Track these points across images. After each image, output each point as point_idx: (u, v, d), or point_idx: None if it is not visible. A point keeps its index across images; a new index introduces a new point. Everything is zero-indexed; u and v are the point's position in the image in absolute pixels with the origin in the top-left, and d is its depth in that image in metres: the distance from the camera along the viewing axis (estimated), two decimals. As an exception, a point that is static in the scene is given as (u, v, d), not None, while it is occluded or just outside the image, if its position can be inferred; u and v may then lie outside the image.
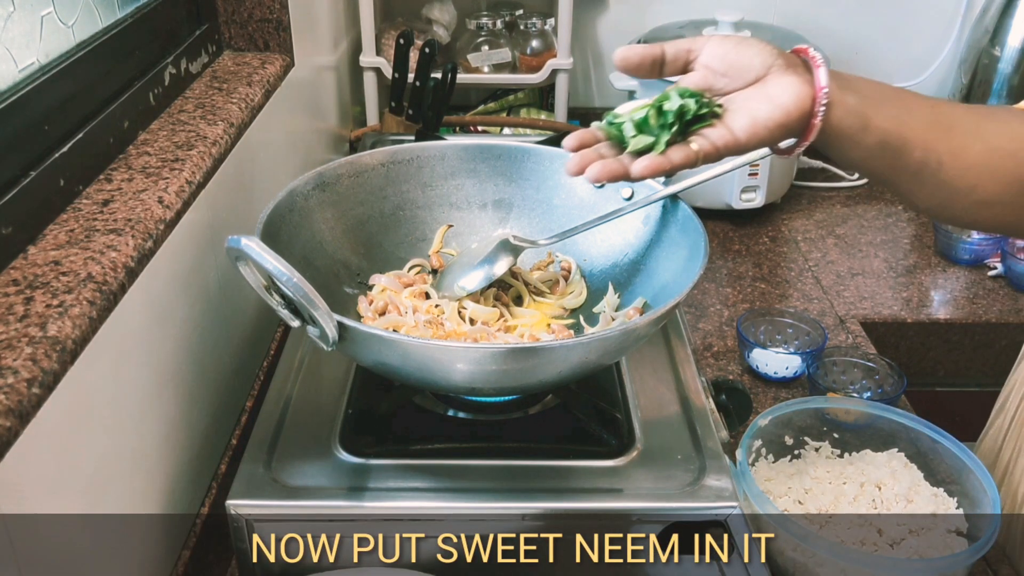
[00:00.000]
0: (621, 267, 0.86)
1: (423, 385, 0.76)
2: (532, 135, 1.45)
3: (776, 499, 0.82)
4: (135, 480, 0.69)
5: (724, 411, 0.80)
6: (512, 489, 0.69)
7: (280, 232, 0.77)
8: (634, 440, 0.74)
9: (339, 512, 0.68)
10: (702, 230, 0.76)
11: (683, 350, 0.85)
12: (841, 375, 1.06)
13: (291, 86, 1.11)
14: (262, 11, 1.05)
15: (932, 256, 1.39)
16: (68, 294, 0.57)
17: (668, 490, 0.69)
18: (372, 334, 0.64)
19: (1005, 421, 0.90)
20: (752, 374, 1.08)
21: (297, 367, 0.82)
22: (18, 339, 0.52)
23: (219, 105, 0.89)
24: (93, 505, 0.62)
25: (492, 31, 1.56)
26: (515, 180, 0.92)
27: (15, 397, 0.49)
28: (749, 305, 1.23)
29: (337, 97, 1.44)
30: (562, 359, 0.66)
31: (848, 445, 0.89)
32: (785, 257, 1.38)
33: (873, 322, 1.22)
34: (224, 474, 0.85)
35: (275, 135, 1.08)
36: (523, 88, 1.61)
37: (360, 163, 0.88)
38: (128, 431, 0.68)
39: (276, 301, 0.65)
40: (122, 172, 0.74)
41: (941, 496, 0.82)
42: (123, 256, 0.63)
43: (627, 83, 1.43)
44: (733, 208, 1.42)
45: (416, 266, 0.88)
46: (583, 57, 1.70)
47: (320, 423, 0.75)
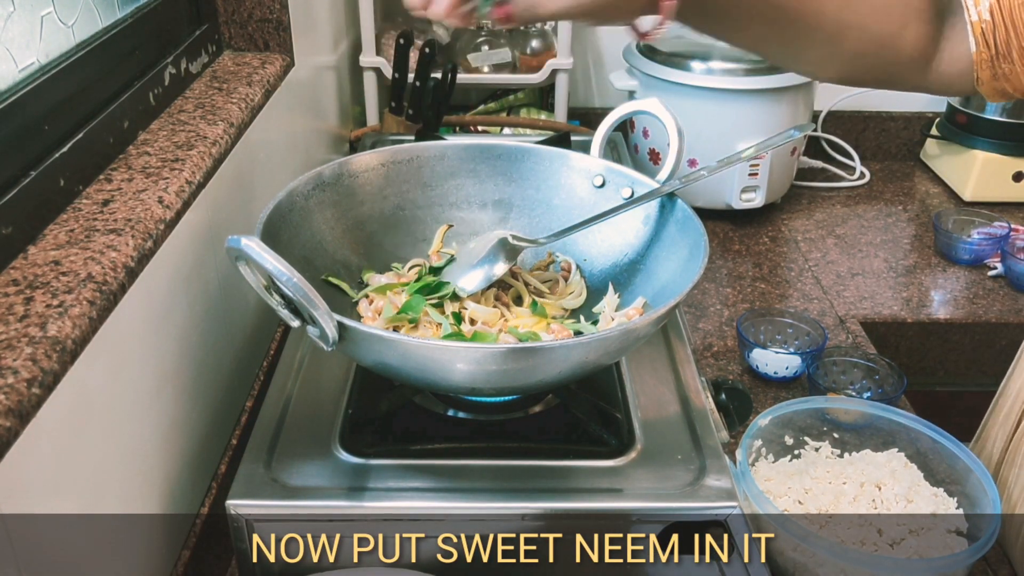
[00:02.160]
0: (621, 267, 0.86)
1: (423, 385, 0.76)
2: (532, 135, 1.45)
3: (776, 499, 0.82)
4: (135, 480, 0.69)
5: (724, 411, 0.80)
6: (512, 489, 0.69)
7: (280, 232, 0.77)
8: (634, 440, 0.74)
9: (339, 512, 0.68)
10: (702, 230, 0.76)
11: (683, 350, 0.85)
12: (841, 375, 1.06)
13: (291, 86, 1.11)
14: (262, 11, 1.05)
15: (932, 256, 1.39)
16: (68, 294, 0.57)
17: (668, 490, 0.69)
18: (372, 334, 0.64)
19: (997, 421, 0.90)
20: (752, 374, 1.08)
21: (297, 367, 0.82)
22: (18, 339, 0.52)
23: (219, 105, 0.89)
24: (93, 505, 0.62)
25: (492, 31, 1.56)
26: (515, 180, 0.92)
27: (15, 397, 0.49)
28: (749, 305, 1.23)
29: (337, 97, 1.44)
30: (562, 359, 0.66)
31: (848, 445, 0.89)
32: (785, 257, 1.38)
33: (873, 322, 1.23)
34: (224, 474, 0.85)
35: (275, 135, 1.08)
36: (523, 88, 1.61)
37: (360, 163, 0.88)
38: (128, 431, 0.68)
39: (276, 301, 0.65)
40: (122, 172, 0.74)
41: (941, 496, 0.82)
42: (123, 256, 0.63)
43: (627, 83, 1.43)
44: (733, 208, 1.42)
45: (416, 266, 0.88)
46: (583, 57, 1.70)
47: (320, 423, 0.75)
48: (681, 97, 1.35)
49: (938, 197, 1.59)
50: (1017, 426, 0.88)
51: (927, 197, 1.59)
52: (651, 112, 0.85)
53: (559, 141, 1.29)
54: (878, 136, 1.73)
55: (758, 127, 1.36)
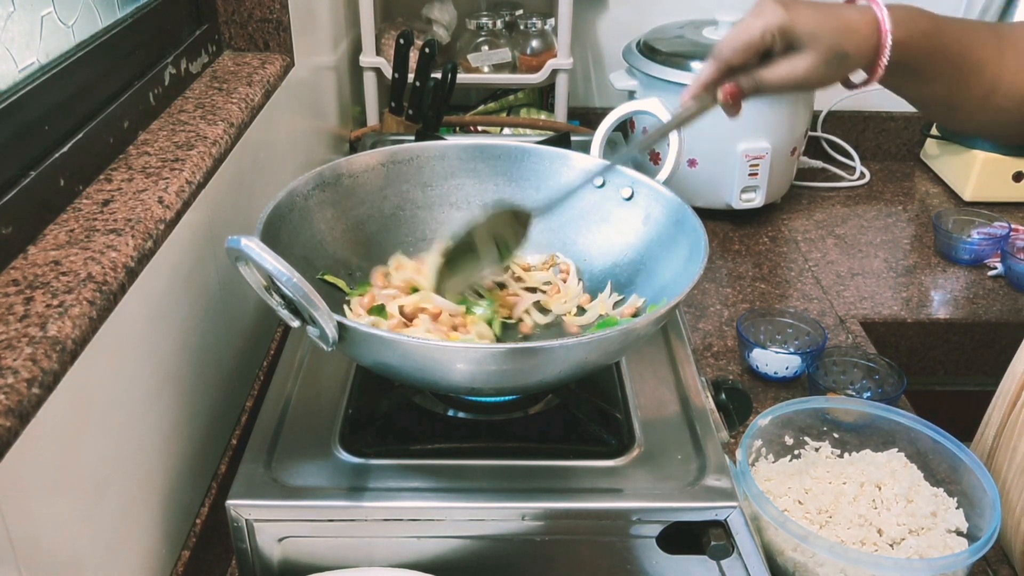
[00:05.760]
0: (621, 267, 0.86)
1: (423, 385, 0.76)
2: (532, 135, 1.45)
3: (776, 499, 0.82)
4: (135, 480, 0.69)
5: (724, 411, 0.80)
6: (512, 489, 0.69)
7: (280, 232, 0.77)
8: (634, 440, 0.74)
9: (339, 512, 0.68)
10: (702, 230, 0.76)
11: (683, 350, 0.85)
12: (841, 375, 1.06)
13: (291, 86, 1.11)
14: (262, 11, 1.05)
15: (932, 256, 1.39)
16: (68, 294, 0.57)
17: (668, 490, 0.69)
18: (372, 334, 0.64)
19: (995, 422, 0.90)
20: (752, 374, 1.08)
21: (297, 367, 0.82)
22: (18, 339, 0.52)
23: (219, 105, 0.89)
24: (93, 505, 0.62)
25: (492, 31, 1.56)
26: (515, 180, 0.92)
27: (15, 397, 0.49)
28: (749, 305, 1.23)
29: (337, 97, 1.44)
30: (562, 359, 0.66)
31: (848, 445, 0.89)
32: (785, 257, 1.38)
33: (873, 322, 1.23)
34: (224, 474, 0.85)
35: (275, 135, 1.08)
36: (523, 88, 1.61)
37: (360, 163, 0.88)
38: (128, 431, 0.68)
39: (276, 301, 0.65)
40: (122, 172, 0.74)
41: (941, 496, 0.82)
42: (123, 256, 0.63)
43: (627, 83, 1.43)
44: (733, 208, 1.42)
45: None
46: (583, 57, 1.70)
47: (320, 423, 0.75)
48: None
49: (938, 197, 1.59)
50: (1003, 425, 0.88)
51: (927, 197, 1.59)
52: (651, 112, 0.85)
53: (559, 141, 1.29)
54: (878, 136, 1.73)
55: (758, 127, 1.36)
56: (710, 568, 0.70)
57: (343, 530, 0.68)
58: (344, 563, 0.69)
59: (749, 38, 0.70)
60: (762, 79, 0.72)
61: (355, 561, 0.69)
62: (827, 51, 0.70)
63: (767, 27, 0.69)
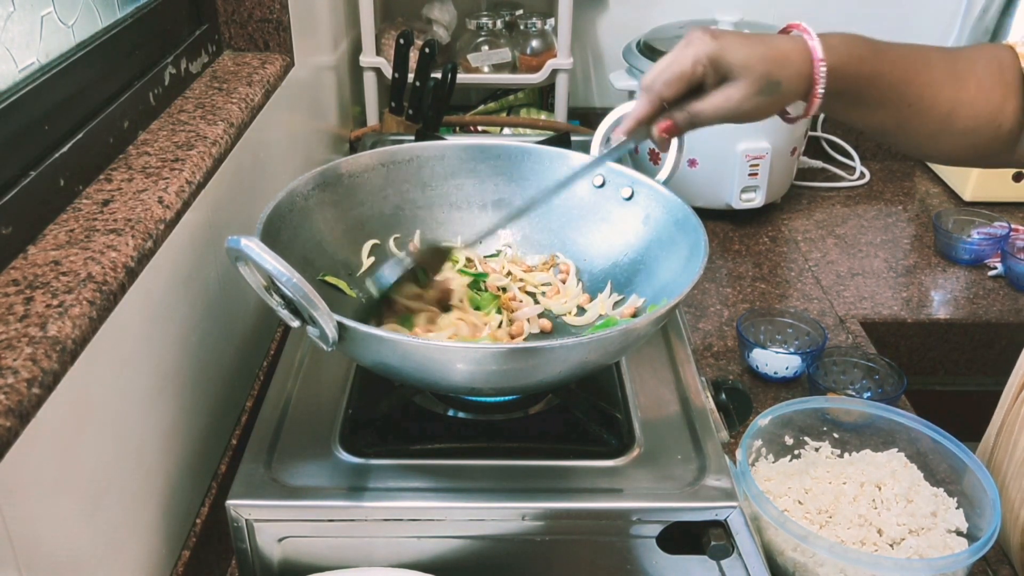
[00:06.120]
0: (621, 267, 0.86)
1: (423, 385, 0.76)
2: (532, 135, 1.45)
3: (776, 499, 0.82)
4: (135, 480, 0.69)
5: (724, 411, 0.80)
6: (512, 489, 0.69)
7: (280, 232, 0.77)
8: (634, 440, 0.74)
9: (339, 512, 0.68)
10: (702, 230, 0.76)
11: (683, 350, 0.85)
12: (841, 375, 1.06)
13: (291, 86, 1.11)
14: (262, 11, 1.05)
15: (932, 256, 1.39)
16: (68, 294, 0.57)
17: (668, 490, 0.69)
18: (372, 334, 0.64)
19: (996, 421, 0.90)
20: (752, 374, 1.08)
21: (297, 367, 0.82)
22: (18, 339, 0.52)
23: (219, 105, 0.89)
24: (93, 505, 0.62)
25: (492, 31, 1.56)
26: (515, 180, 0.92)
27: (15, 397, 0.49)
28: (749, 305, 1.23)
29: (337, 97, 1.44)
30: (562, 359, 0.66)
31: (848, 445, 0.89)
32: (785, 257, 1.38)
33: (873, 322, 1.23)
34: (224, 474, 0.85)
35: (275, 135, 1.08)
36: (523, 88, 1.61)
37: (360, 163, 0.88)
38: (128, 431, 0.68)
39: (276, 301, 0.65)
40: (122, 172, 0.74)
41: (941, 496, 0.82)
42: (123, 256, 0.63)
43: (627, 83, 1.43)
44: (733, 208, 1.42)
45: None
46: (583, 57, 1.70)
47: (320, 423, 0.75)
48: (681, 97, 1.34)
49: (938, 197, 1.59)
50: (1003, 423, 0.88)
51: (927, 197, 1.59)
52: (651, 112, 0.84)
53: (559, 141, 1.29)
54: (878, 136, 1.73)
55: (758, 127, 1.36)
56: (710, 568, 0.70)
57: (343, 530, 0.68)
58: (344, 563, 0.69)
59: (681, 69, 0.68)
60: (696, 111, 0.70)
61: (355, 561, 0.69)
62: (759, 80, 0.68)
63: (697, 57, 0.68)
